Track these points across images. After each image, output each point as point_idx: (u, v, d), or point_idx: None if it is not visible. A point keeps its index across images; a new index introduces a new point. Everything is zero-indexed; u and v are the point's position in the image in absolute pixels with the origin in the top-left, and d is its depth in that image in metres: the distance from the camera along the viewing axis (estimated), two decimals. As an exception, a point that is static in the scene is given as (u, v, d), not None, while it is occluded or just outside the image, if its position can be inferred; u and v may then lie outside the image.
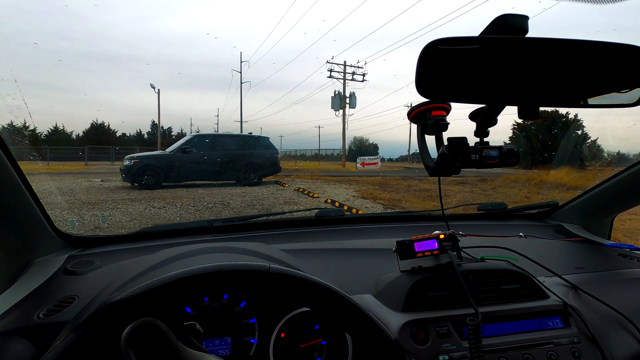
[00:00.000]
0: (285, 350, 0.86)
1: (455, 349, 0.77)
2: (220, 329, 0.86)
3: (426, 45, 0.57)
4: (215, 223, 1.34)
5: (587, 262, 1.16)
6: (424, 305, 0.83)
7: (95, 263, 1.03)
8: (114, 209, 6.23)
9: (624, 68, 0.58)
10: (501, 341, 0.80)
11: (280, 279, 0.55)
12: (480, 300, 0.85)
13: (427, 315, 0.81)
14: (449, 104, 0.83)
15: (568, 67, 0.57)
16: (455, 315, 0.81)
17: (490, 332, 0.81)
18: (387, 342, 0.61)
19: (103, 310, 0.47)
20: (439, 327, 0.79)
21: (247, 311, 0.87)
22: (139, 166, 9.39)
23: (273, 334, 0.84)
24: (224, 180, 10.38)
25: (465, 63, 0.58)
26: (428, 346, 0.77)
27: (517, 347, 0.79)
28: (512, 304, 0.86)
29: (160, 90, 22.02)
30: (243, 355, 0.85)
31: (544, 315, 0.85)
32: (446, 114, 0.84)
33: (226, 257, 0.76)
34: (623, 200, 1.33)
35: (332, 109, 27.53)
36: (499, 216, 1.58)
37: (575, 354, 0.80)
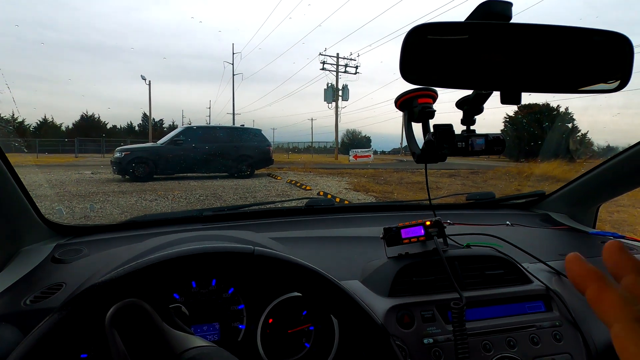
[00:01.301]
0: (273, 336, 0.87)
1: (439, 333, 0.78)
2: (209, 315, 0.87)
3: (410, 31, 0.57)
4: (205, 212, 1.34)
5: (571, 249, 1.17)
6: (410, 290, 0.85)
7: (83, 251, 1.03)
8: (105, 201, 6.18)
9: (605, 55, 0.59)
10: (485, 325, 0.81)
11: (265, 262, 0.55)
12: (465, 285, 0.86)
13: (412, 300, 0.82)
14: (435, 91, 0.84)
15: (550, 52, 0.58)
16: (440, 299, 0.83)
17: (475, 316, 0.83)
18: (372, 326, 0.62)
19: (87, 291, 0.47)
20: (424, 312, 0.81)
21: (236, 297, 0.88)
22: (130, 158, 9.31)
23: (260, 320, 0.85)
24: (216, 172, 10.34)
25: (449, 49, 0.58)
26: (413, 330, 0.78)
27: (500, 331, 0.81)
28: (496, 289, 0.87)
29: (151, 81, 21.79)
30: (231, 340, 0.86)
31: (527, 299, 0.87)
32: (433, 102, 0.85)
33: (214, 243, 0.77)
34: (607, 189, 1.36)
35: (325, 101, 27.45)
36: (487, 206, 1.60)
37: (556, 337, 0.82)
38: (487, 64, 0.58)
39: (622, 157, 1.21)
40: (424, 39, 0.58)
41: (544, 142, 14.75)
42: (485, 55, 0.58)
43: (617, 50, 0.59)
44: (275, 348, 0.86)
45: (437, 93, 0.85)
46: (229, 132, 11.94)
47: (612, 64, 0.60)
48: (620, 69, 0.59)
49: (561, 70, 0.59)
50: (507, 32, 0.59)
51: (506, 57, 0.59)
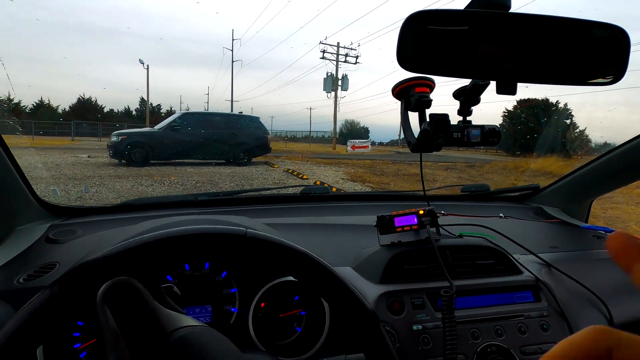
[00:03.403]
0: (265, 320, 0.88)
1: (428, 320, 0.80)
2: (202, 298, 0.88)
3: (408, 18, 0.57)
4: (200, 197, 1.34)
5: (562, 242, 1.19)
6: (401, 277, 0.86)
7: (77, 232, 1.03)
8: (101, 185, 6.17)
9: (602, 47, 0.59)
10: (473, 313, 0.82)
11: (257, 244, 0.55)
12: (456, 274, 0.87)
13: (403, 287, 0.83)
14: (432, 80, 0.84)
15: (547, 43, 0.58)
16: (431, 287, 0.84)
17: (464, 304, 0.84)
18: (363, 312, 0.63)
19: (79, 268, 0.47)
20: (414, 299, 0.82)
21: (228, 281, 0.89)
22: (126, 143, 9.26)
23: (252, 304, 0.86)
24: (213, 159, 10.32)
25: (446, 37, 0.58)
26: (403, 316, 0.79)
27: (489, 319, 0.82)
28: (486, 279, 0.88)
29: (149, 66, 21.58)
30: (223, 323, 0.87)
31: (516, 289, 0.88)
32: (430, 91, 0.85)
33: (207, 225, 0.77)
34: (599, 185, 1.37)
35: (324, 90, 27.33)
36: (481, 198, 1.61)
37: (543, 326, 0.84)
38: (484, 53, 0.58)
39: (615, 153, 1.22)
40: (422, 26, 0.58)
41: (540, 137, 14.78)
42: (483, 44, 0.58)
43: (614, 43, 0.59)
44: (266, 332, 0.87)
45: (435, 83, 0.85)
46: (226, 118, 11.89)
47: (608, 57, 0.60)
48: (615, 62, 0.59)
49: (557, 61, 0.59)
50: (506, 22, 0.58)
51: (503, 47, 0.59)
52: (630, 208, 6.21)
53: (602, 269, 1.06)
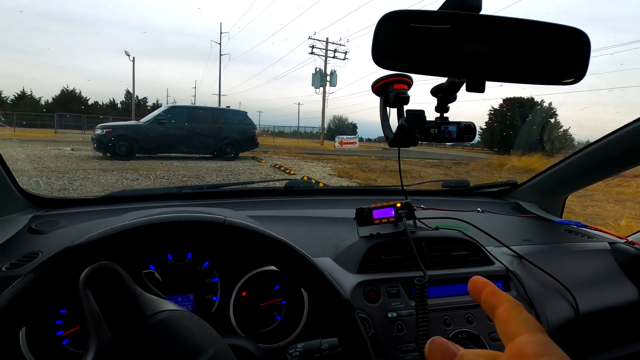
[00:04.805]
0: (246, 308, 0.90)
1: (403, 308, 0.83)
2: (184, 287, 0.90)
3: (383, 17, 0.59)
4: (185, 190, 1.36)
5: (535, 235, 1.24)
6: (378, 267, 0.89)
7: (60, 223, 1.04)
8: (85, 178, 6.09)
9: (565, 49, 0.62)
10: (446, 301, 0.86)
11: (236, 232, 0.57)
12: (431, 264, 0.91)
13: (379, 277, 0.86)
14: (410, 78, 0.87)
15: (514, 44, 0.61)
16: (406, 277, 0.87)
17: (437, 293, 0.87)
18: (339, 300, 0.66)
19: (62, 252, 0.49)
20: (390, 288, 0.85)
21: (210, 271, 0.91)
22: (111, 136, 9.13)
23: (234, 293, 0.88)
24: (200, 153, 10.24)
25: (419, 36, 0.61)
26: (378, 304, 0.82)
27: (460, 307, 0.86)
28: (459, 269, 0.92)
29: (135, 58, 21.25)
30: (205, 311, 0.89)
31: (488, 279, 0.92)
32: (408, 88, 0.88)
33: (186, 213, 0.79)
34: (573, 181, 1.42)
35: (313, 86, 27.27)
36: (461, 193, 1.65)
37: None
38: (455, 52, 0.61)
39: (586, 151, 1.27)
40: (396, 26, 0.61)
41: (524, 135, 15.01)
42: (454, 44, 0.61)
43: (576, 45, 0.63)
44: (247, 320, 0.89)
45: (412, 80, 0.88)
46: (214, 113, 11.79)
47: (571, 58, 0.63)
48: (577, 63, 0.63)
49: (524, 61, 0.62)
50: (476, 23, 0.61)
51: (473, 46, 0.62)
52: (609, 206, 6.38)
53: (572, 261, 1.11)
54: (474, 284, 0.31)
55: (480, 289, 0.31)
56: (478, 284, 0.31)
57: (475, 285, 0.31)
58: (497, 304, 0.28)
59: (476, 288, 0.31)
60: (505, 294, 0.29)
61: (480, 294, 0.30)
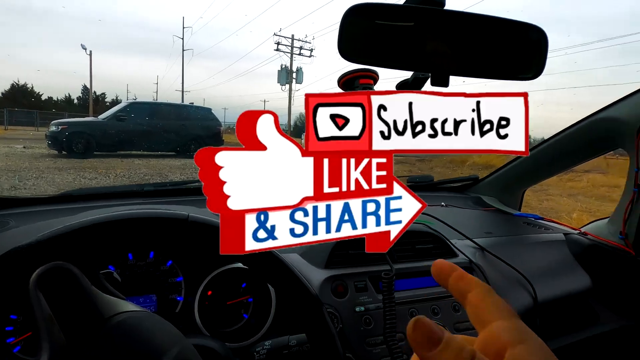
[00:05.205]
0: (212, 307, 0.88)
1: (370, 301, 0.83)
2: (146, 287, 0.86)
3: (348, 10, 0.59)
4: (147, 187, 1.31)
5: (496, 228, 1.28)
6: (345, 262, 0.89)
7: (10, 224, 0.97)
8: (39, 177, 5.77)
9: (524, 45, 0.65)
10: (412, 294, 0.87)
11: (201, 229, 0.56)
12: (397, 258, 0.92)
13: (347, 272, 0.86)
14: (376, 72, 0.87)
15: (476, 40, 0.63)
16: (373, 271, 0.88)
17: (404, 286, 0.88)
18: (307, 296, 0.65)
19: (10, 253, 0.46)
20: (357, 282, 0.85)
21: (174, 270, 0.88)
22: (67, 133, 8.71)
23: (198, 292, 0.86)
24: (162, 151, 9.95)
25: (385, 30, 0.61)
26: (346, 299, 0.83)
27: (426, 299, 0.87)
28: (424, 262, 0.94)
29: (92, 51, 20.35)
30: (168, 312, 0.86)
31: None
32: (374, 83, 0.88)
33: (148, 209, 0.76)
34: (529, 176, 1.49)
35: (279, 83, 27.11)
36: (426, 188, 1.68)
37: None
38: (419, 47, 0.62)
39: (541, 148, 1.33)
40: (361, 19, 0.61)
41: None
42: (418, 38, 0.62)
43: (535, 41, 0.65)
44: (213, 319, 0.87)
45: (378, 75, 0.88)
46: (177, 109, 11.50)
47: (530, 54, 0.65)
48: (536, 59, 0.65)
49: (485, 56, 0.64)
50: (440, 18, 0.62)
51: (437, 41, 0.63)
52: (562, 199, 6.72)
53: (530, 252, 1.15)
54: (439, 267, 0.30)
55: (446, 273, 0.29)
56: (443, 268, 0.30)
57: (440, 269, 0.30)
58: (468, 289, 0.28)
59: (442, 272, 0.30)
60: (475, 278, 0.29)
61: (448, 279, 0.29)
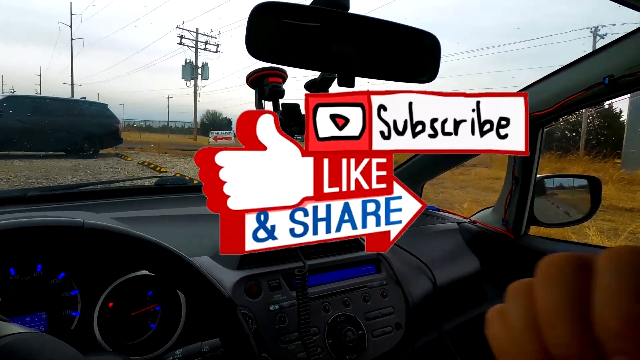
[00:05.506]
0: (114, 320, 0.81)
1: (284, 299, 0.84)
2: (33, 305, 0.77)
3: (255, 8, 0.59)
4: (30, 192, 1.16)
5: None
6: (259, 262, 0.88)
7: None
8: None
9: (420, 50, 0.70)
10: (325, 288, 0.90)
11: (99, 236, 0.51)
12: (310, 254, 0.94)
13: (260, 271, 0.86)
14: (284, 71, 0.87)
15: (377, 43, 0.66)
16: (286, 269, 0.89)
17: (317, 281, 0.91)
18: (219, 299, 0.63)
19: None
20: (271, 281, 0.85)
21: (67, 282, 0.79)
22: None
23: (97, 305, 0.78)
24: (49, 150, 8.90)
25: (292, 30, 0.62)
26: (260, 298, 0.82)
27: (338, 292, 0.91)
28: (335, 256, 0.97)
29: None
30: (62, 330, 0.78)
31: (361, 264, 0.99)
32: (282, 81, 0.88)
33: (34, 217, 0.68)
34: (427, 171, 1.62)
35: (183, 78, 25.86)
36: None
37: (383, 294, 0.96)
38: (325, 48, 0.64)
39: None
40: (269, 17, 0.61)
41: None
42: (323, 39, 0.63)
43: (430, 47, 0.71)
44: (116, 333, 0.80)
45: (287, 73, 0.89)
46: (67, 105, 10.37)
47: (426, 59, 0.71)
48: (431, 64, 0.71)
49: (386, 59, 0.68)
50: (344, 21, 0.65)
51: (342, 43, 0.65)
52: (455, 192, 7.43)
53: (429, 242, 1.26)
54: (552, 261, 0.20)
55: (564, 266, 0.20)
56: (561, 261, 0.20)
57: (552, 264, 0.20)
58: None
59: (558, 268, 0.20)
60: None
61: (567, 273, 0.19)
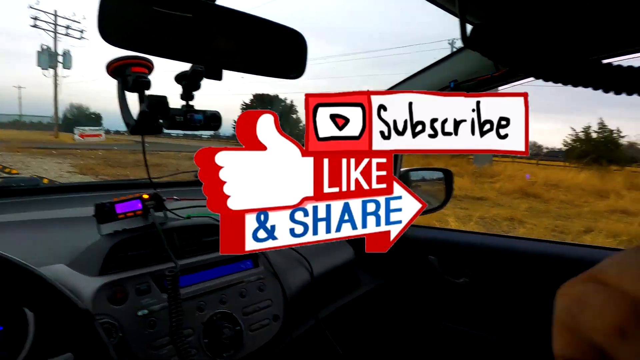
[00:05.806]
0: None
1: (155, 302, 0.79)
2: None
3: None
4: None
5: None
6: (125, 265, 0.82)
7: None
8: None
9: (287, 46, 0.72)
10: (200, 287, 0.87)
11: None
12: (183, 253, 0.90)
13: (126, 275, 0.80)
14: (150, 61, 0.82)
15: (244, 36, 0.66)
16: (156, 270, 0.84)
17: (191, 281, 0.87)
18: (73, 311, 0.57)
19: None
20: (139, 284, 0.80)
21: None
22: None
23: None
24: None
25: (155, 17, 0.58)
26: (126, 305, 0.76)
27: (214, 291, 0.89)
28: (211, 254, 0.95)
29: None
30: None
31: (238, 259, 0.99)
32: (148, 72, 0.83)
33: None
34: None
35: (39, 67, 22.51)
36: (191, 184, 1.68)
37: (260, 288, 0.97)
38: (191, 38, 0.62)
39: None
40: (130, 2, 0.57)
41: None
42: (189, 29, 0.61)
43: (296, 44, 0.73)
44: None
45: (153, 64, 0.83)
46: None
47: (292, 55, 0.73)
48: (298, 60, 0.73)
49: (254, 53, 0.68)
50: (211, 12, 0.63)
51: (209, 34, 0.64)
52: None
53: None
54: None
55: None
56: None
57: None
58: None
59: None
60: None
61: None
